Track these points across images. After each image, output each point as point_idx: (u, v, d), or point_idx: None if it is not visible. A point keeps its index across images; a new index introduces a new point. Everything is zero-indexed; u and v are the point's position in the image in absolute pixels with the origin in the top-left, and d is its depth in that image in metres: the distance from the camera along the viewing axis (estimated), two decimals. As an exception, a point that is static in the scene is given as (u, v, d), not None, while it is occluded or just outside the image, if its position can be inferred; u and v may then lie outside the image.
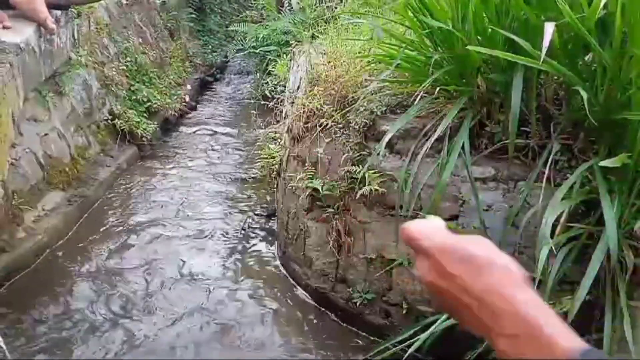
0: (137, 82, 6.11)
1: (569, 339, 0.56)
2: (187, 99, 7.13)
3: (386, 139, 2.83)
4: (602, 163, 2.25)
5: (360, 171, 2.98)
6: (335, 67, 3.42)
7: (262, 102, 5.19)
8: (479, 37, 2.70)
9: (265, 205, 4.69)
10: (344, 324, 3.27)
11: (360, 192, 2.97)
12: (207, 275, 3.76)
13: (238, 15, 9.50)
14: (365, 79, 3.26)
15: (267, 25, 7.16)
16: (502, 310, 0.59)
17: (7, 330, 3.09)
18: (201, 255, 3.98)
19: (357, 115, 3.06)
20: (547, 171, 2.49)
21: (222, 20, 10.08)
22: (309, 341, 3.18)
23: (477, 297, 0.61)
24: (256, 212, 4.59)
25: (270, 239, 4.25)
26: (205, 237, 4.24)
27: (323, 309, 3.40)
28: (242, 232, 4.34)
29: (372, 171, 2.94)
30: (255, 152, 4.92)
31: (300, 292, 3.58)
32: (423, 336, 2.67)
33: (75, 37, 4.91)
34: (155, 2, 7.79)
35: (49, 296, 3.47)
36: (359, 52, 3.49)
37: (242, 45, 7.51)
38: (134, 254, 3.98)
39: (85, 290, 3.55)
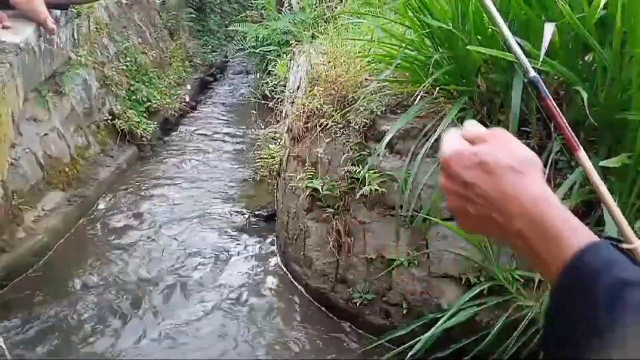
0: (137, 82, 6.11)
1: (575, 235, 0.59)
2: (187, 98, 7.13)
3: (386, 139, 2.83)
4: (603, 163, 2.25)
5: (360, 171, 2.98)
6: (335, 67, 3.42)
7: (262, 102, 5.19)
8: (479, 37, 2.70)
9: (265, 205, 4.68)
10: (344, 324, 3.27)
11: (360, 192, 2.97)
12: (206, 275, 3.76)
13: (238, 15, 9.50)
14: (365, 79, 3.26)
15: (267, 25, 7.16)
16: (512, 212, 0.62)
17: (7, 330, 3.09)
18: (201, 256, 3.98)
19: (357, 115, 3.06)
20: (547, 171, 2.49)
21: (222, 20, 10.09)
22: (309, 341, 3.18)
23: (491, 201, 0.64)
24: (256, 212, 4.59)
25: (270, 239, 4.25)
26: (205, 237, 4.23)
27: (323, 309, 3.39)
28: (242, 232, 4.33)
29: (372, 171, 2.93)
30: (255, 152, 4.91)
31: (300, 292, 3.58)
32: (424, 337, 2.67)
33: (75, 37, 4.91)
34: (155, 2, 7.78)
35: (49, 296, 3.46)
36: (359, 52, 3.49)
37: (242, 45, 7.51)
38: (133, 254, 3.97)
39: (85, 290, 3.55)
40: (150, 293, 3.54)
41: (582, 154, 0.74)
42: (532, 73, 0.79)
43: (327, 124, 3.21)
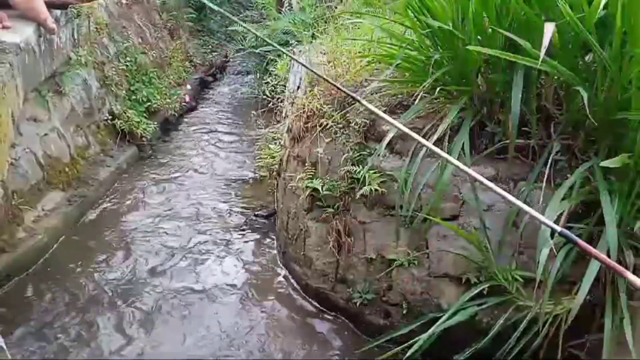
0: (137, 82, 6.11)
1: None
2: (187, 98, 7.14)
3: (387, 139, 2.83)
4: (603, 163, 2.25)
5: (360, 171, 2.98)
6: (335, 67, 3.42)
7: (262, 102, 5.19)
8: (479, 37, 2.70)
9: (265, 205, 4.69)
10: (344, 324, 3.27)
11: (360, 192, 2.97)
12: (206, 276, 3.76)
13: (238, 15, 9.51)
14: (366, 79, 3.26)
15: (267, 25, 7.17)
16: None
17: (8, 330, 3.09)
18: (201, 256, 3.98)
19: (357, 115, 3.06)
20: (547, 171, 2.49)
21: (222, 20, 10.10)
22: (309, 341, 3.18)
23: None
24: (256, 212, 4.59)
25: (270, 239, 4.25)
26: (205, 237, 4.24)
27: (323, 309, 3.40)
28: (242, 232, 4.34)
29: (372, 171, 2.93)
30: (256, 152, 4.92)
31: (300, 292, 3.58)
32: (423, 336, 2.67)
33: (75, 37, 4.91)
34: (155, 2, 7.79)
35: (49, 296, 3.46)
36: (359, 52, 3.49)
37: (242, 45, 7.51)
38: (133, 254, 3.97)
39: (86, 290, 3.55)
40: (149, 292, 3.54)
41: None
42: None
43: (327, 124, 3.21)
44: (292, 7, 7.26)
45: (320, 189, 3.20)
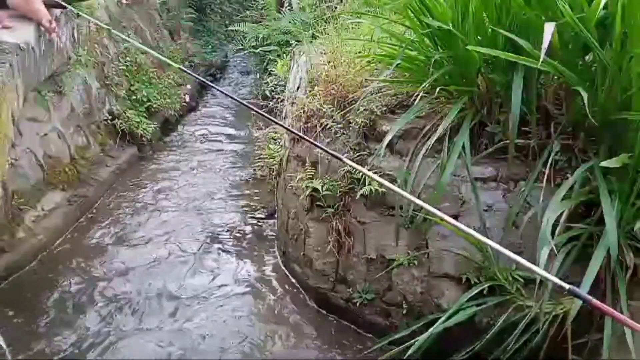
0: (137, 82, 6.11)
1: None
2: (187, 99, 7.13)
3: (387, 139, 2.83)
4: (603, 163, 2.25)
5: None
6: (335, 67, 3.42)
7: (262, 102, 5.19)
8: (479, 37, 2.70)
9: (265, 205, 4.69)
10: (344, 324, 3.27)
11: (360, 192, 2.97)
12: (205, 275, 3.76)
13: (238, 15, 9.51)
14: (365, 79, 3.26)
15: (267, 25, 7.17)
16: None
17: (7, 329, 3.09)
18: (201, 256, 3.98)
19: (357, 115, 3.06)
20: (547, 171, 2.49)
21: (222, 20, 10.10)
22: (309, 341, 3.18)
23: None
24: (256, 212, 4.59)
25: (270, 239, 4.25)
26: (205, 237, 4.23)
27: (323, 309, 3.40)
28: (242, 232, 4.33)
29: (372, 171, 2.93)
30: (256, 152, 4.91)
31: (300, 292, 3.58)
32: (422, 337, 2.67)
33: (75, 37, 4.91)
34: (155, 2, 7.79)
35: (49, 296, 3.46)
36: (359, 52, 3.49)
37: (242, 45, 7.51)
38: (133, 254, 3.97)
39: (86, 290, 3.55)
40: (148, 293, 3.54)
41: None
42: None
43: (327, 124, 3.21)
44: (292, 7, 7.26)
45: (320, 189, 3.20)
